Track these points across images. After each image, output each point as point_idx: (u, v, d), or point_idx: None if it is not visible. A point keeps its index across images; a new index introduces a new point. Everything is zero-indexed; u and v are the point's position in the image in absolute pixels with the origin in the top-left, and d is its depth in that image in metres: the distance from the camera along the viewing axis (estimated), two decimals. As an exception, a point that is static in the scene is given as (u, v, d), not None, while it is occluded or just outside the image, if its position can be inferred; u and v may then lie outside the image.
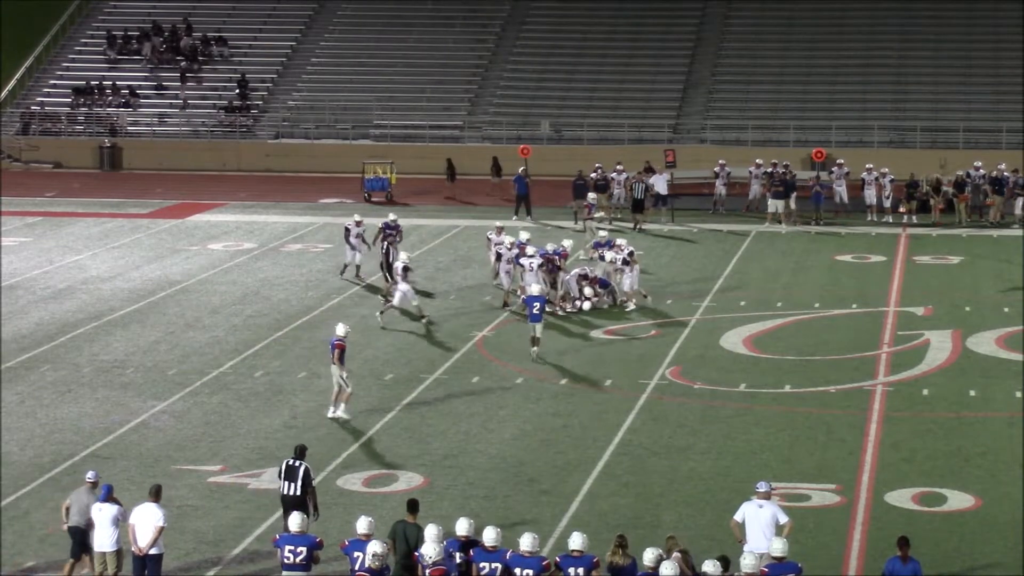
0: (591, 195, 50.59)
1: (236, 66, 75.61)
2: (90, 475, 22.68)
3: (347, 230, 44.22)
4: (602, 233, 46.52)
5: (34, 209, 58.05)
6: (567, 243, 41.56)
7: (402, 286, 38.62)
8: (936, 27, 72.69)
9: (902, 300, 41.53)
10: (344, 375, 30.40)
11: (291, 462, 23.36)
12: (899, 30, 72.56)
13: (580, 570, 19.21)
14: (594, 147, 66.50)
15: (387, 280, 41.75)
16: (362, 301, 41.66)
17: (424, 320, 38.46)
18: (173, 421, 30.59)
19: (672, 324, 38.69)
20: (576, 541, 19.42)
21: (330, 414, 30.42)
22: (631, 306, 39.99)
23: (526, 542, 19.47)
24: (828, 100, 69.72)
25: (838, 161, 56.65)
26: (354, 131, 70.61)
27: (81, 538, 22.10)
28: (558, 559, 19.51)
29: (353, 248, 43.99)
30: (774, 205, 53.57)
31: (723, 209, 55.99)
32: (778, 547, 19.69)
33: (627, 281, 40.23)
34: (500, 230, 42.47)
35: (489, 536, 19.63)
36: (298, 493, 23.12)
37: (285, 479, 23.21)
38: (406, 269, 38.94)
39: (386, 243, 42.45)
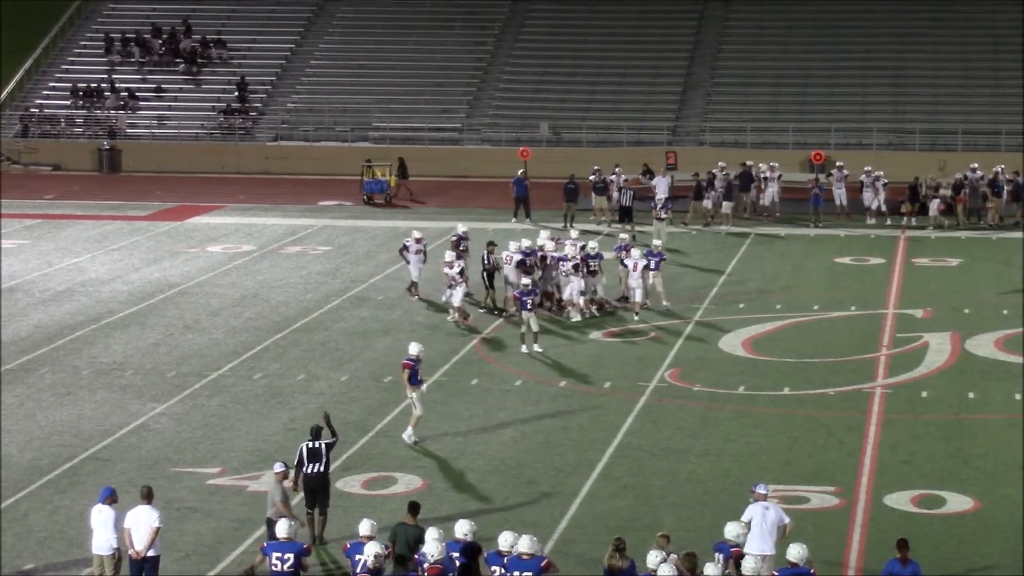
0: (659, 195, 50.45)
1: (235, 68, 75.61)
2: (278, 467, 22.95)
3: (405, 247, 42.02)
4: (623, 236, 45.14)
5: (33, 211, 58.05)
6: (592, 244, 40.66)
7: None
8: (935, 29, 72.70)
9: (901, 302, 41.54)
10: (414, 396, 29.19)
11: (311, 444, 23.91)
12: (898, 32, 72.55)
13: (528, 574, 19.29)
14: (593, 149, 66.49)
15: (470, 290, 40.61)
16: (361, 303, 41.65)
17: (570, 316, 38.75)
18: (172, 423, 30.59)
19: (671, 326, 38.69)
20: (524, 543, 19.51)
21: (406, 436, 29.23)
22: (575, 316, 38.87)
23: (524, 544, 19.50)
24: (827, 102, 69.70)
25: (837, 164, 56.59)
26: (353, 133, 70.62)
27: (271, 529, 22.34)
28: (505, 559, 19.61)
29: (413, 263, 41.76)
30: (727, 207, 53.82)
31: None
32: (795, 553, 19.54)
33: (568, 289, 39.12)
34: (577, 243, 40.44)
35: (507, 541, 19.73)
36: (321, 471, 23.78)
37: (310, 461, 23.75)
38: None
39: (489, 255, 40.45)
